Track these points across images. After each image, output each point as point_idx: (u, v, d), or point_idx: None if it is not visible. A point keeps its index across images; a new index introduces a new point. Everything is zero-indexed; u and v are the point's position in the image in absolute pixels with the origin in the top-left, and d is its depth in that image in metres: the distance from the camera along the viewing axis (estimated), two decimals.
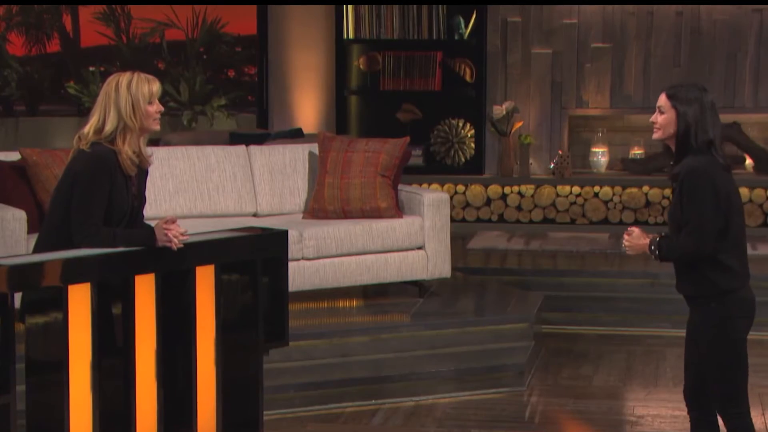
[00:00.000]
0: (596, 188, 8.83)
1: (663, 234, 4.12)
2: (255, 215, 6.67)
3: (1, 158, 6.07)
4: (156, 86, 4.26)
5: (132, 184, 4.26)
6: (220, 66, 10.71)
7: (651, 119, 4.12)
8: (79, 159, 4.19)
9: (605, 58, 9.00)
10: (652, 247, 4.09)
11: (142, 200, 4.35)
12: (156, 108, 4.25)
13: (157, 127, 4.30)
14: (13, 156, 6.05)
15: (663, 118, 4.07)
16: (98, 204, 4.12)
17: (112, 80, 4.25)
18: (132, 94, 4.20)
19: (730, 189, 4.04)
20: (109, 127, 4.19)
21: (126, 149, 4.19)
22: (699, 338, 4.08)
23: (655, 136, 4.11)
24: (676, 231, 4.05)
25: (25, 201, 5.85)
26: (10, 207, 5.75)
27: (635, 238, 4.16)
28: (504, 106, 8.83)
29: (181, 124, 10.37)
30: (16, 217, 5.66)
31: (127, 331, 4.01)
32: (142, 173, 4.33)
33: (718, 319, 4.02)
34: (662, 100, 4.09)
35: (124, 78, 4.23)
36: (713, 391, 4.10)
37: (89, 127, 4.21)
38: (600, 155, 9.03)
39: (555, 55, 9.05)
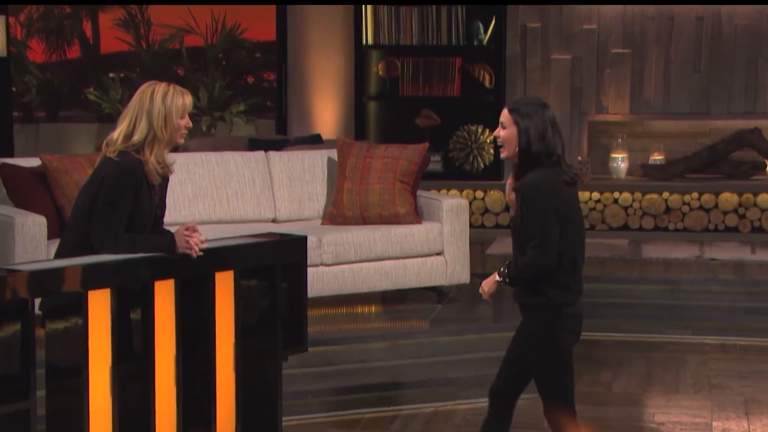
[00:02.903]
0: (616, 194, 8.81)
1: (507, 261, 4.13)
2: (274, 221, 6.69)
3: (22, 164, 6.10)
4: (189, 100, 4.23)
5: (155, 194, 4.26)
6: (239, 72, 10.75)
7: (494, 134, 4.13)
8: (107, 167, 4.16)
9: (625, 64, 8.99)
10: (501, 276, 4.11)
11: (163, 208, 4.36)
12: (186, 122, 4.22)
13: (182, 141, 4.27)
14: (34, 162, 6.08)
15: (505, 133, 4.04)
16: (121, 213, 4.11)
17: (147, 89, 4.19)
18: (166, 106, 4.15)
19: (572, 205, 4.03)
20: (138, 136, 4.15)
21: (152, 160, 4.17)
22: (528, 347, 4.13)
23: (503, 155, 4.08)
24: (518, 244, 4.07)
25: (45, 207, 5.88)
26: (30, 213, 5.77)
27: (485, 284, 4.18)
28: None
29: (200, 129, 10.40)
30: (36, 223, 5.69)
31: (146, 336, 4.02)
32: (164, 181, 4.32)
33: (548, 331, 4.06)
34: (504, 115, 4.07)
35: (160, 88, 4.18)
36: (544, 400, 4.17)
37: (118, 134, 4.17)
38: (620, 161, 9.02)
39: (574, 60, 9.04)
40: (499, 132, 4.05)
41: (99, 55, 11.41)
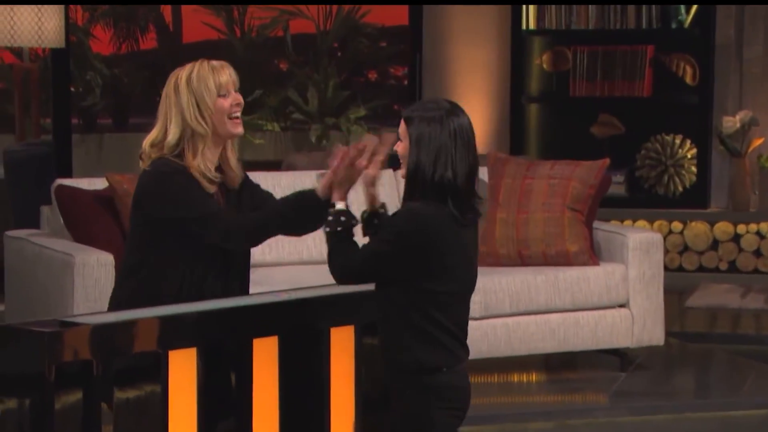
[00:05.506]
0: None
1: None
2: None
3: (84, 186, 6.21)
4: (225, 74, 4.17)
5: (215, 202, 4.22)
6: (358, 66, 10.88)
7: (393, 148, 4.01)
8: (141, 182, 4.20)
9: None
10: (334, 218, 4.09)
11: None
12: (232, 100, 4.18)
13: (238, 131, 4.18)
14: (98, 183, 6.19)
15: (402, 148, 3.94)
16: (199, 199, 4.10)
17: (171, 78, 4.20)
18: (194, 90, 4.14)
19: (453, 248, 3.86)
20: (171, 137, 4.15)
21: (197, 164, 4.15)
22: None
23: (402, 173, 3.99)
24: None
25: (112, 241, 5.97)
26: (94, 249, 5.87)
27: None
28: (738, 118, 8.75)
29: (308, 141, 10.55)
30: (101, 262, 5.80)
31: (242, 408, 4.10)
32: (231, 196, 4.30)
33: (415, 407, 3.87)
34: (401, 125, 3.95)
35: (184, 72, 4.17)
36: None
37: (146, 141, 4.19)
38: None
39: None
40: (398, 146, 3.99)
41: (180, 45, 11.66)
